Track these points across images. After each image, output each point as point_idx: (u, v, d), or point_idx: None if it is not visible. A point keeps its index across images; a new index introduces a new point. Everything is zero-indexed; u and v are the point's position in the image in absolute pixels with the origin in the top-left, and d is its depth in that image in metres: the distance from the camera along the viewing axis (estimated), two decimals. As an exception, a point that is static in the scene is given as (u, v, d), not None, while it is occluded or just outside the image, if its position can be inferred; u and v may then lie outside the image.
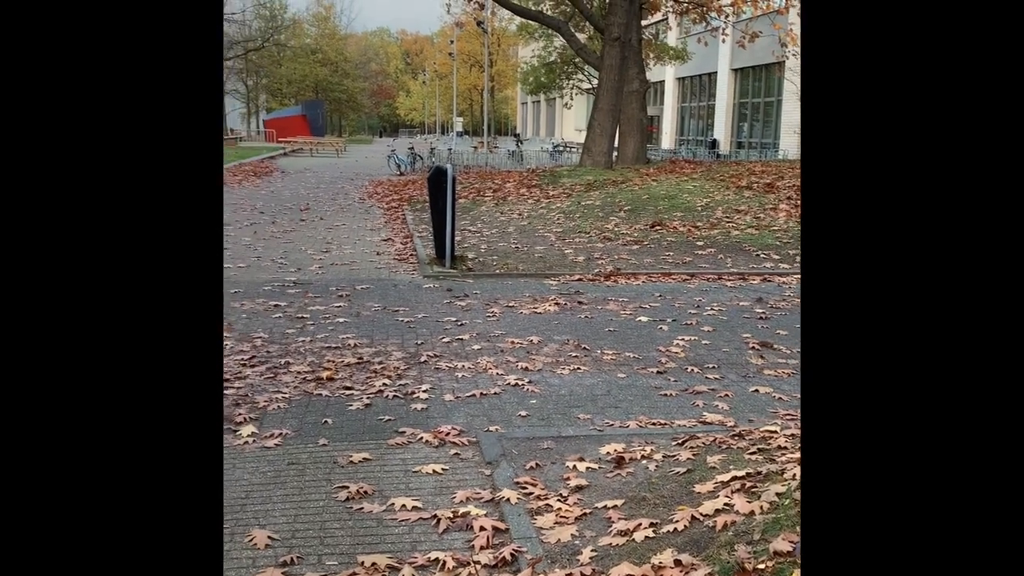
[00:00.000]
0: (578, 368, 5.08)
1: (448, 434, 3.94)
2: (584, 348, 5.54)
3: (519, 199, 14.65)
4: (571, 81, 33.64)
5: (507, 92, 72.59)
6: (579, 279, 8.04)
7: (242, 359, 5.12)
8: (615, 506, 3.16)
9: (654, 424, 4.15)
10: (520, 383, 4.75)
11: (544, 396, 4.57)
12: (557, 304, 6.87)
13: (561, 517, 3.10)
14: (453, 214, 8.37)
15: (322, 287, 7.51)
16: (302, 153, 37.45)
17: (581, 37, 23.73)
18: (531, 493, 3.31)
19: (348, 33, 77.84)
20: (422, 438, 3.90)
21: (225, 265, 8.55)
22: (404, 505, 3.21)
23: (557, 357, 5.32)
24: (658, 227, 11.01)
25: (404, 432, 3.98)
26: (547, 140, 43.72)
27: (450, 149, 27.85)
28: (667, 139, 38.92)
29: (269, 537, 2.94)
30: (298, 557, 2.83)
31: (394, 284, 7.77)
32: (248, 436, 3.89)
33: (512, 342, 5.66)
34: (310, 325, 6.07)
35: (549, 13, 23.71)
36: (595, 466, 3.58)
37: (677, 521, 2.87)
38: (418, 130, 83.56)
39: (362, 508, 3.19)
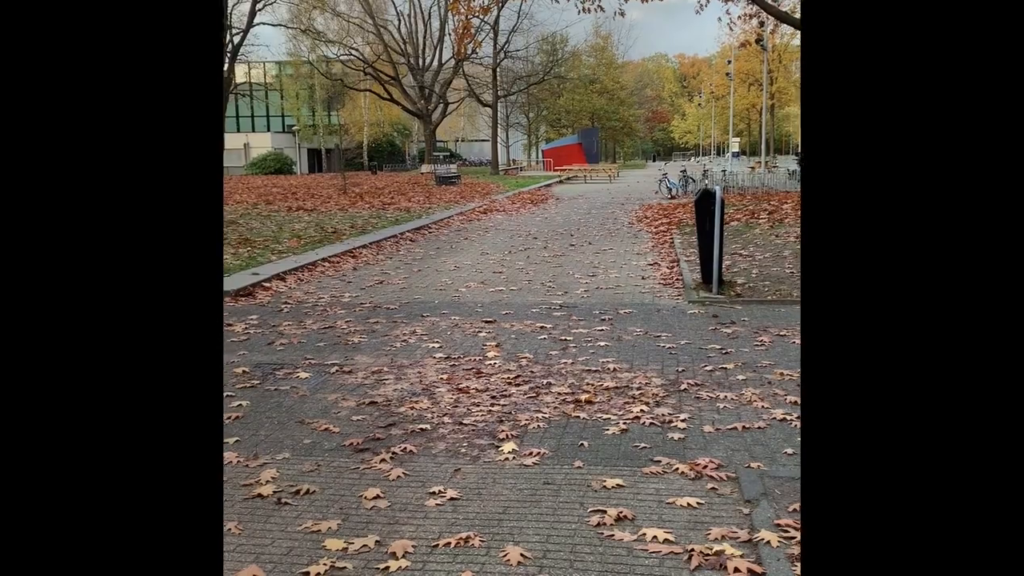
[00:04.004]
0: (855, 405, 4.64)
1: (705, 467, 3.79)
2: (864, 384, 5.05)
3: (797, 220, 13.84)
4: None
5: (788, 109, 69.25)
6: (862, 308, 7.37)
7: (508, 378, 5.36)
8: (891, 564, 2.82)
9: (945, 475, 3.65)
10: (788, 418, 4.45)
11: (814, 434, 4.22)
12: (834, 334, 6.35)
13: (826, 569, 2.83)
14: (721, 238, 8.11)
15: (586, 310, 7.65)
16: (576, 180, 38.68)
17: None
18: (793, 537, 3.06)
19: (625, 61, 79.39)
20: (678, 469, 3.79)
21: (499, 288, 9.04)
22: (656, 537, 3.14)
23: (831, 392, 4.90)
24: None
25: (660, 461, 3.89)
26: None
27: (724, 171, 27.13)
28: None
29: (522, 555, 3.02)
30: (547, 577, 2.87)
31: (657, 309, 7.69)
32: (509, 453, 4.05)
33: (781, 373, 5.32)
34: (572, 347, 6.20)
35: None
36: (870, 516, 3.22)
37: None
38: (692, 153, 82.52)
39: (613, 535, 3.17)
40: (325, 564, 2.98)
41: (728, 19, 23.95)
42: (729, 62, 52.28)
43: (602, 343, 6.31)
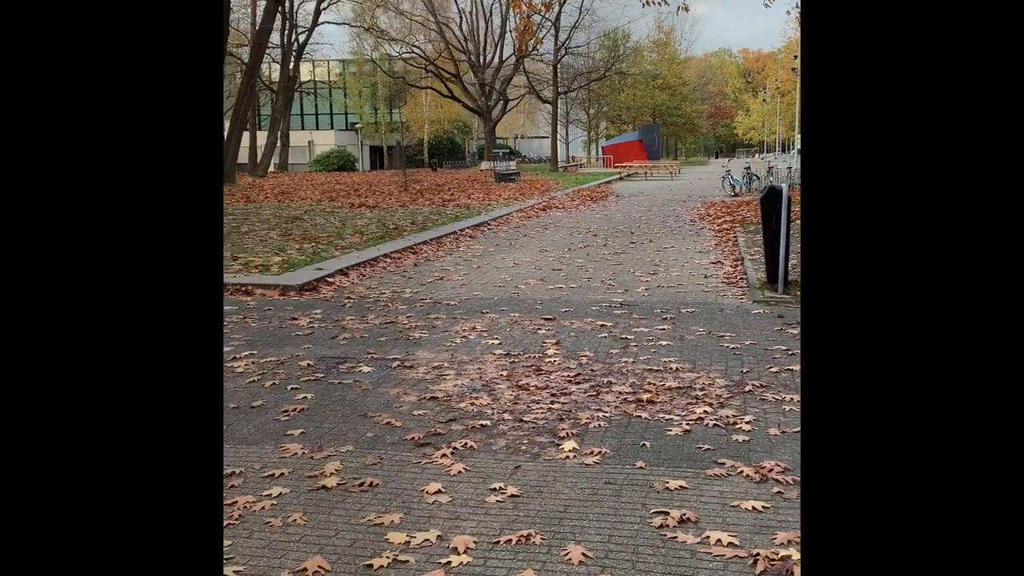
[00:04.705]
0: (929, 411, 4.48)
1: (771, 470, 3.71)
2: (938, 388, 4.87)
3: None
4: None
5: (856, 104, 67.14)
6: (935, 309, 7.12)
7: (568, 376, 5.33)
8: None
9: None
10: (857, 422, 4.31)
11: (885, 439, 4.09)
12: (906, 337, 6.15)
13: None
14: (788, 237, 7.94)
15: (647, 309, 7.57)
16: (637, 177, 38.34)
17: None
18: (864, 547, 2.97)
19: (688, 56, 78.31)
20: (742, 472, 3.72)
21: (558, 285, 9.01)
22: (720, 540, 3.08)
23: (903, 396, 4.74)
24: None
25: (724, 463, 3.83)
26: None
27: (790, 168, 26.54)
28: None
29: (583, 554, 3.00)
30: (608, 578, 2.84)
31: (721, 308, 7.56)
32: (569, 451, 4.03)
33: (850, 376, 5.17)
34: (633, 346, 6.14)
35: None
36: (946, 526, 3.11)
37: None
38: (756, 149, 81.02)
39: (676, 537, 3.12)
40: (388, 557, 3.01)
41: (796, 12, 23.39)
42: (795, 56, 51.07)
43: (664, 342, 6.23)
